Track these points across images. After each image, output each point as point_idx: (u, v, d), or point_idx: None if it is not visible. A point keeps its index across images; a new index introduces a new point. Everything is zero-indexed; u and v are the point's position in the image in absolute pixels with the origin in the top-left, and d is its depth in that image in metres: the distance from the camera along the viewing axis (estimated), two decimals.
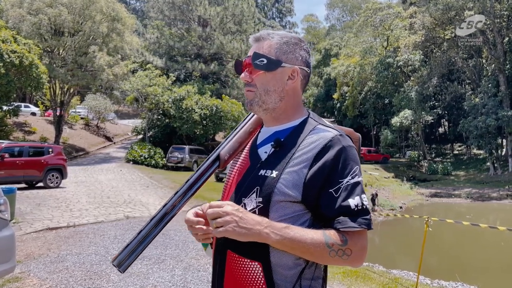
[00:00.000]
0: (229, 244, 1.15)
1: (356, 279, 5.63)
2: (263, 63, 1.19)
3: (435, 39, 34.01)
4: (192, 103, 26.61)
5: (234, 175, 1.26)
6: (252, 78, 1.23)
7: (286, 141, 1.19)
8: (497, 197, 24.01)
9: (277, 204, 1.10)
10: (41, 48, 23.19)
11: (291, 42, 1.23)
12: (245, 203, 1.14)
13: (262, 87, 1.21)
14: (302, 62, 1.24)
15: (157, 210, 1.17)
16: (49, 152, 14.13)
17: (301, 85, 1.25)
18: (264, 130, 1.29)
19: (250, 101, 1.23)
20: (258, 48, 1.22)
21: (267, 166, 1.16)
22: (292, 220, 1.11)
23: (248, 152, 1.28)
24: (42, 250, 6.23)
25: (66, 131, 29.35)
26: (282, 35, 1.24)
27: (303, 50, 1.25)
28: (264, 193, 1.12)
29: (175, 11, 33.75)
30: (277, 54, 1.20)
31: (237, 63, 1.28)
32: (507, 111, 28.32)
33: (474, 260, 10.83)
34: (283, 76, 1.21)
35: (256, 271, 1.11)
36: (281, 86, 1.21)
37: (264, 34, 1.24)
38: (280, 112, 1.24)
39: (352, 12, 69.28)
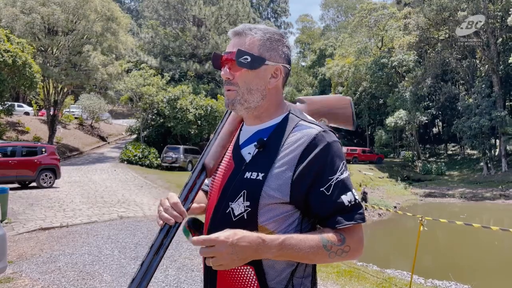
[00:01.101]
0: None
1: (350, 278, 5.63)
2: (247, 61, 1.13)
3: (429, 40, 34.15)
4: (187, 103, 26.56)
5: (218, 179, 1.21)
6: (233, 76, 1.17)
7: (270, 140, 1.15)
8: (491, 197, 24.16)
9: (265, 207, 1.08)
10: (34, 47, 23.05)
11: (274, 38, 1.18)
12: (233, 207, 1.11)
13: (245, 85, 1.16)
14: (285, 59, 1.20)
15: (154, 237, 1.10)
16: (42, 151, 14.04)
17: (282, 82, 1.22)
18: (245, 129, 1.25)
19: (232, 100, 1.18)
20: (240, 43, 1.16)
21: (252, 168, 1.12)
22: (281, 221, 1.09)
23: (231, 154, 1.23)
24: (34, 250, 6.18)
25: (60, 131, 29.18)
26: (264, 31, 1.18)
27: (285, 46, 1.20)
28: (252, 196, 1.08)
29: (170, 11, 33.68)
30: (260, 51, 1.15)
31: (216, 56, 1.21)
32: (501, 111, 28.52)
33: (467, 259, 10.89)
34: (266, 74, 1.16)
35: (249, 275, 1.08)
36: (264, 85, 1.17)
37: (245, 28, 1.18)
38: (262, 111, 1.19)
39: (346, 12, 69.44)
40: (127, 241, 6.94)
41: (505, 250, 12.35)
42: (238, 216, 1.09)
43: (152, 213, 10.05)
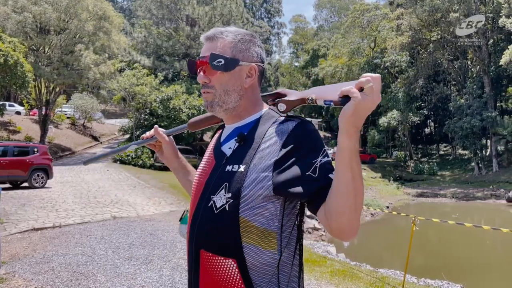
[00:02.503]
0: (201, 244, 1.13)
1: (344, 278, 5.67)
2: (221, 64, 1.16)
3: (421, 41, 34.39)
4: (180, 103, 26.50)
5: (201, 175, 1.24)
6: (210, 79, 1.20)
7: (250, 134, 1.17)
8: (482, 197, 24.40)
9: (247, 197, 1.08)
10: (26, 47, 22.86)
11: (245, 39, 1.21)
12: (214, 200, 1.12)
13: (221, 87, 1.19)
14: (258, 58, 1.23)
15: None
16: (34, 151, 13.94)
17: (258, 81, 1.24)
18: (226, 128, 1.28)
19: (210, 102, 1.21)
20: (212, 48, 1.19)
21: (233, 161, 1.14)
22: (264, 210, 1.08)
23: (212, 152, 1.27)
24: (27, 251, 6.14)
25: (52, 131, 28.97)
26: (235, 33, 1.21)
27: (257, 46, 1.23)
28: (234, 188, 1.09)
29: (163, 10, 33.59)
30: (233, 53, 1.18)
31: (190, 63, 1.26)
32: (491, 112, 28.80)
33: (459, 259, 10.98)
34: (241, 74, 1.19)
35: (231, 268, 1.08)
36: (240, 85, 1.20)
37: (217, 32, 1.21)
38: (240, 110, 1.22)
39: (340, 13, 69.67)
40: (120, 241, 6.92)
41: (496, 249, 12.48)
42: (220, 208, 1.10)
43: (145, 213, 10.02)
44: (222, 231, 1.10)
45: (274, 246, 1.10)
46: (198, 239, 1.14)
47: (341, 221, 0.99)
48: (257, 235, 1.09)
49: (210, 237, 1.12)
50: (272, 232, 1.10)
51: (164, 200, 12.39)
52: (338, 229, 1.01)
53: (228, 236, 1.09)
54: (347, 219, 0.98)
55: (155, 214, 9.97)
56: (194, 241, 1.15)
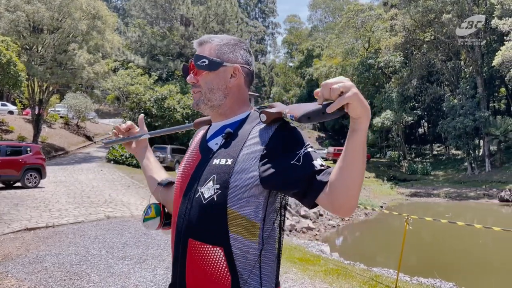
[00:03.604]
0: (190, 233, 1.18)
1: (337, 277, 5.69)
2: (205, 64, 1.26)
3: (415, 41, 34.58)
4: (174, 103, 26.45)
5: (186, 169, 1.30)
6: (197, 79, 1.30)
7: (236, 131, 1.25)
8: (475, 197, 24.57)
9: (235, 189, 1.14)
10: (19, 46, 22.72)
11: (230, 43, 1.31)
12: (202, 191, 1.18)
13: (206, 86, 1.28)
14: (243, 60, 1.31)
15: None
16: (27, 151, 13.85)
17: (245, 82, 1.32)
18: (213, 125, 1.36)
19: (197, 101, 1.31)
20: (200, 51, 1.30)
21: (220, 156, 1.21)
22: (250, 202, 1.15)
23: (198, 147, 1.33)
24: (20, 251, 6.11)
25: (45, 130, 28.80)
26: (222, 38, 1.32)
27: (242, 49, 1.33)
28: (221, 180, 1.16)
29: (157, 10, 33.49)
30: (217, 55, 1.28)
31: (185, 67, 1.36)
32: (484, 112, 29.02)
33: (452, 257, 11.06)
34: (225, 74, 1.28)
35: (218, 256, 1.14)
36: (225, 84, 1.28)
37: (206, 38, 1.32)
38: (226, 108, 1.30)
39: (334, 13, 69.87)
40: (114, 241, 6.90)
41: (488, 247, 12.58)
42: (208, 198, 1.16)
43: (139, 213, 10.00)
44: (210, 220, 1.15)
45: (256, 237, 1.17)
46: (187, 228, 1.19)
47: (347, 199, 1.05)
48: (242, 226, 1.15)
49: (198, 226, 1.17)
50: (256, 224, 1.16)
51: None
52: (342, 206, 1.07)
53: (216, 225, 1.14)
54: (353, 196, 1.06)
55: None
56: (183, 231, 1.20)
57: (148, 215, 1.49)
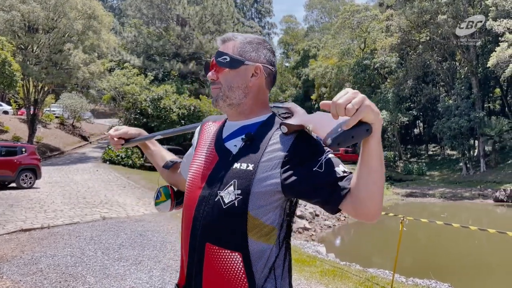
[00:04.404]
0: (207, 237, 1.17)
1: (333, 278, 5.71)
2: (226, 61, 1.24)
3: (410, 42, 34.67)
4: (170, 103, 26.39)
5: (200, 169, 1.27)
6: (217, 76, 1.28)
7: (257, 135, 1.22)
8: (470, 197, 24.68)
9: (256, 194, 1.14)
10: (14, 45, 22.60)
11: (254, 42, 1.29)
12: (222, 195, 1.16)
13: (226, 83, 1.26)
14: (266, 60, 1.29)
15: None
16: (22, 151, 13.79)
17: (266, 82, 1.30)
18: (229, 124, 1.33)
19: (215, 97, 1.29)
20: (223, 48, 1.28)
21: (241, 160, 1.19)
22: (269, 207, 1.15)
23: (213, 146, 1.30)
24: (15, 252, 6.08)
25: (40, 130, 28.67)
26: (246, 36, 1.30)
27: (266, 49, 1.30)
28: (243, 185, 1.14)
29: (153, 10, 33.41)
30: (239, 53, 1.26)
31: (206, 64, 1.33)
32: (479, 112, 29.16)
33: (447, 258, 11.10)
34: (246, 73, 1.26)
35: (236, 261, 1.14)
36: (245, 83, 1.26)
37: (229, 35, 1.30)
38: (245, 108, 1.28)
39: (330, 13, 69.95)
40: (110, 242, 6.88)
41: (483, 249, 12.64)
42: (228, 203, 1.15)
43: (135, 214, 9.98)
44: (229, 226, 1.15)
45: (274, 241, 1.17)
46: (204, 232, 1.17)
47: (371, 204, 1.05)
48: (261, 231, 1.15)
49: (217, 231, 1.16)
50: (274, 228, 1.17)
51: None
52: (368, 213, 1.07)
53: (235, 231, 1.14)
54: (377, 202, 1.05)
55: (145, 215, 9.93)
56: (199, 235, 1.18)
57: (159, 199, 1.51)
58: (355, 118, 0.94)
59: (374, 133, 0.99)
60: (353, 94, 0.95)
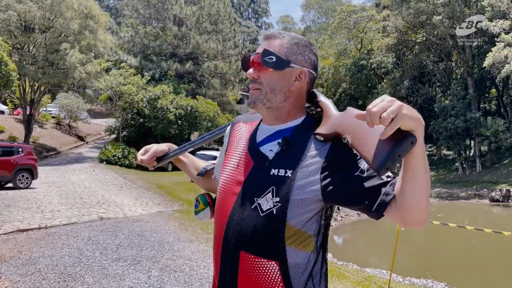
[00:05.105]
0: (242, 245, 1.13)
1: (331, 277, 5.73)
2: (272, 61, 1.17)
3: (407, 42, 34.78)
4: (167, 103, 26.37)
5: (235, 175, 1.22)
6: (258, 75, 1.21)
7: (293, 139, 1.17)
8: (465, 197, 24.76)
9: (296, 202, 1.09)
10: (10, 45, 22.54)
11: (301, 43, 1.22)
12: (260, 203, 1.12)
13: (269, 85, 1.19)
14: (311, 65, 1.23)
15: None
16: (18, 151, 13.76)
17: (307, 87, 1.24)
18: (263, 128, 1.27)
19: (255, 99, 1.21)
20: (268, 45, 1.20)
21: (278, 165, 1.14)
22: (308, 215, 1.11)
23: (246, 151, 1.24)
24: (13, 253, 6.08)
25: (37, 130, 28.57)
26: (293, 36, 1.23)
27: (312, 53, 1.24)
28: (282, 192, 1.10)
29: (150, 10, 33.38)
30: (287, 54, 1.19)
31: (245, 59, 1.27)
32: (475, 113, 29.26)
33: (444, 258, 11.15)
34: (290, 76, 1.19)
35: (273, 270, 1.10)
36: (287, 86, 1.19)
37: (275, 32, 1.23)
38: (283, 112, 1.22)
39: (327, 14, 70.05)
40: (108, 242, 6.88)
41: (480, 248, 12.70)
42: (266, 211, 1.11)
43: (133, 214, 9.98)
44: (266, 234, 1.10)
45: (311, 248, 1.13)
46: (239, 240, 1.14)
47: (417, 211, 0.99)
48: (299, 238, 1.11)
49: (253, 239, 1.12)
50: (311, 236, 1.13)
51: (152, 200, 12.35)
52: (415, 220, 1.01)
53: (273, 239, 1.10)
54: (424, 209, 1.00)
55: (143, 215, 9.93)
56: (233, 242, 1.15)
57: (198, 208, 1.48)
58: (392, 127, 0.89)
59: (418, 138, 0.93)
60: (389, 103, 0.91)
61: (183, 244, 6.95)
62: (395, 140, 0.93)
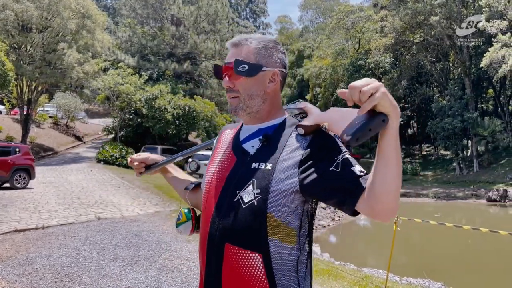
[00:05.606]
0: (226, 238, 1.16)
1: (328, 277, 5.74)
2: (245, 69, 1.21)
3: (404, 43, 34.85)
4: (165, 103, 26.34)
5: (220, 171, 1.27)
6: (234, 84, 1.25)
7: (274, 136, 1.22)
8: (463, 197, 24.83)
9: (275, 193, 1.13)
10: (7, 45, 22.47)
11: (268, 46, 1.26)
12: (241, 195, 1.16)
13: (245, 92, 1.24)
14: (281, 64, 1.27)
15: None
16: (16, 151, 13.72)
17: (281, 85, 1.29)
18: (246, 128, 1.32)
19: (235, 107, 1.26)
20: (237, 53, 1.24)
21: (259, 160, 1.19)
22: (288, 208, 1.14)
23: (230, 149, 1.29)
24: (10, 253, 6.07)
25: (34, 130, 28.51)
26: (259, 40, 1.26)
27: (280, 52, 1.28)
28: (262, 184, 1.14)
29: (148, 10, 33.35)
30: (257, 59, 1.23)
31: (217, 68, 1.30)
32: (472, 113, 29.34)
33: (440, 257, 11.18)
34: (264, 79, 1.24)
35: (256, 262, 1.13)
36: (263, 90, 1.25)
37: (241, 39, 1.26)
38: (263, 113, 1.27)
39: (325, 14, 70.05)
40: (105, 243, 6.88)
41: (476, 248, 12.74)
42: (248, 203, 1.15)
43: (130, 214, 9.96)
44: (250, 225, 1.14)
45: (294, 243, 1.17)
46: (223, 233, 1.17)
47: (387, 200, 1.02)
48: (281, 231, 1.14)
49: (237, 231, 1.15)
50: (293, 230, 1.16)
51: (149, 200, 12.33)
52: (383, 209, 1.03)
53: (256, 230, 1.14)
54: (393, 198, 1.02)
55: (140, 215, 9.92)
56: (218, 235, 1.18)
57: (180, 220, 1.49)
58: (370, 102, 0.93)
59: (391, 125, 0.97)
60: (370, 81, 0.95)
61: (181, 244, 6.95)
62: (369, 117, 0.97)
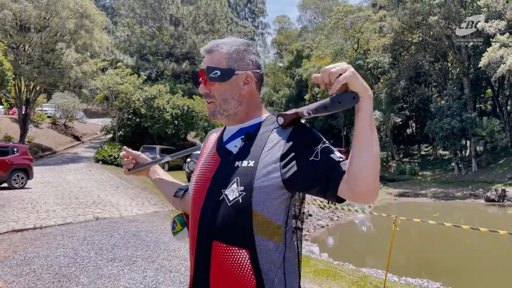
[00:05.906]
0: (214, 235, 1.18)
1: (327, 277, 5.73)
2: (217, 75, 1.25)
3: (403, 43, 34.85)
4: (164, 103, 26.32)
5: (205, 172, 1.29)
6: (210, 90, 1.30)
7: (255, 134, 1.25)
8: (461, 197, 24.84)
9: (259, 189, 1.15)
10: (5, 44, 22.43)
11: (240, 49, 1.29)
12: (226, 194, 1.18)
13: (220, 97, 1.28)
14: (254, 65, 1.30)
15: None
16: (14, 151, 13.69)
17: (257, 86, 1.32)
18: (228, 129, 1.36)
19: (212, 111, 1.31)
20: (210, 60, 1.28)
21: (242, 158, 1.21)
22: (273, 204, 1.16)
23: (215, 150, 1.32)
24: (7, 253, 6.04)
25: (32, 130, 28.47)
26: (231, 44, 1.29)
27: (252, 54, 1.31)
28: (245, 182, 1.16)
29: (147, 9, 33.35)
30: (229, 64, 1.26)
31: (194, 74, 1.35)
32: (471, 113, 29.36)
33: (439, 257, 11.19)
34: (238, 82, 1.28)
35: (243, 258, 1.15)
36: (238, 92, 1.28)
37: (213, 45, 1.29)
38: (241, 115, 1.30)
39: (324, 14, 70.07)
40: (103, 243, 6.86)
41: (475, 248, 12.75)
42: (233, 201, 1.17)
43: (129, 214, 9.95)
44: (235, 222, 1.16)
45: (281, 239, 1.19)
46: (210, 231, 1.19)
47: (366, 182, 1.04)
48: (267, 227, 1.16)
49: (224, 228, 1.17)
50: (279, 226, 1.18)
51: (148, 200, 12.31)
52: (363, 191, 1.06)
53: (242, 227, 1.16)
54: (372, 180, 1.05)
55: (139, 215, 9.90)
56: (206, 233, 1.20)
57: (175, 229, 1.51)
58: (338, 82, 0.99)
59: (363, 106, 1.03)
60: (341, 64, 1.01)
61: (179, 244, 6.94)
62: (340, 94, 1.03)
